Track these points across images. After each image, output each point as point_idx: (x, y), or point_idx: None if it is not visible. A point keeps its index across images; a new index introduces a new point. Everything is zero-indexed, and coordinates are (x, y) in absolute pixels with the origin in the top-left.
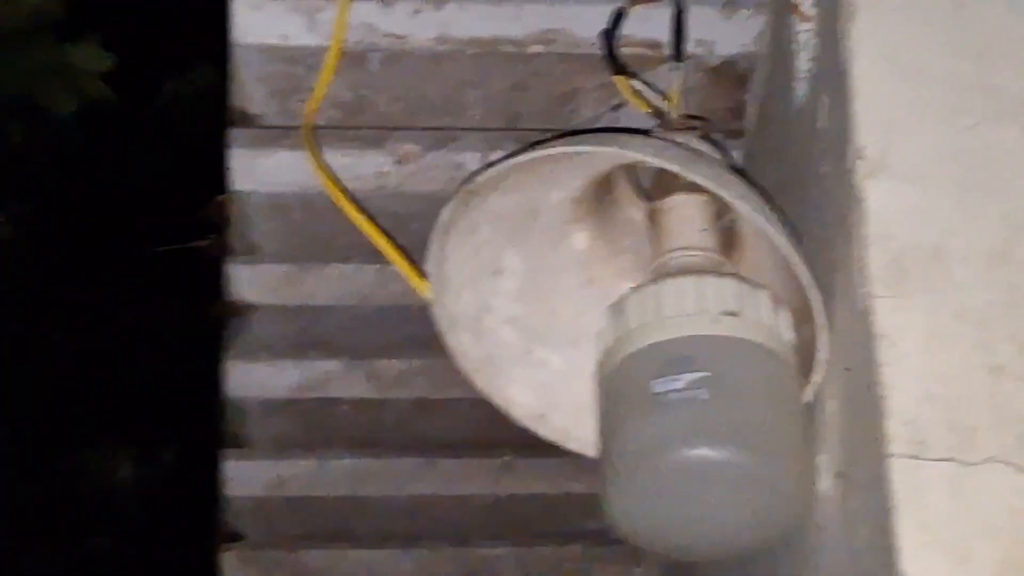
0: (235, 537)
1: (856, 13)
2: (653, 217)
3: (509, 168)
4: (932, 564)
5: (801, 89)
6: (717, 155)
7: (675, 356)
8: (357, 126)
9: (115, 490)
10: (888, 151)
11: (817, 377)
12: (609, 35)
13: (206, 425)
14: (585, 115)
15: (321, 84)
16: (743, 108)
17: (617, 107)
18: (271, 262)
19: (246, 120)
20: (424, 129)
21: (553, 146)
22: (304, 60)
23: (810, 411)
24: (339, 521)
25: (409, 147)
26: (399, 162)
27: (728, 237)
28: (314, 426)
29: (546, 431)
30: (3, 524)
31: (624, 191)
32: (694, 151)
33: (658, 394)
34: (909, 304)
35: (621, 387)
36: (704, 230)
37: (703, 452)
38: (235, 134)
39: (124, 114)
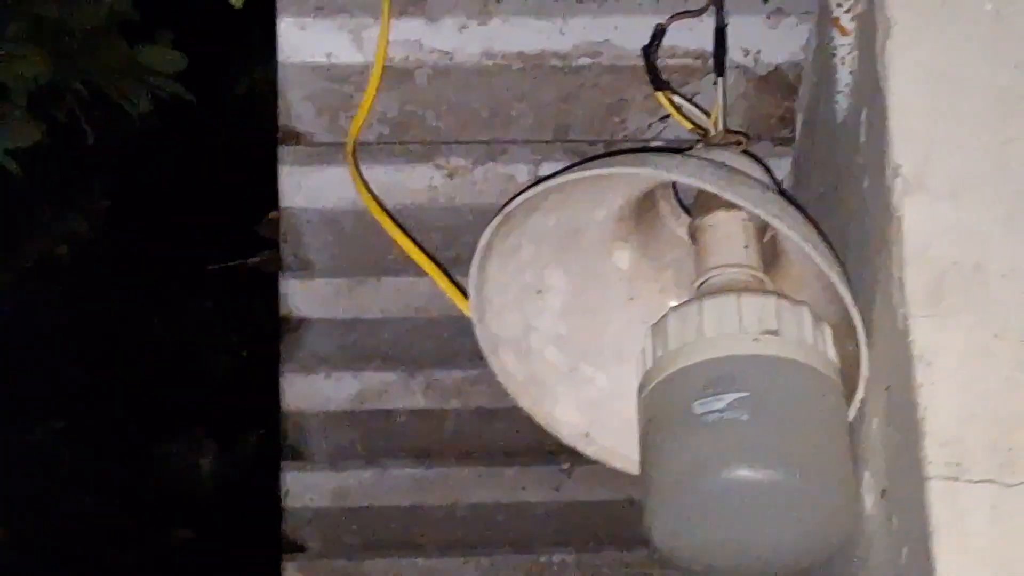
0: (297, 548)
1: (892, 28)
2: (695, 234)
3: (545, 191)
4: None
5: (844, 102)
6: (758, 170)
7: (716, 377)
8: (406, 141)
9: (197, 482)
10: (926, 167)
11: (860, 395)
12: (649, 50)
13: (267, 436)
14: (633, 126)
15: (367, 101)
16: (792, 116)
17: (665, 118)
18: (324, 276)
19: (295, 138)
20: (473, 143)
21: (586, 168)
22: (351, 78)
23: (854, 429)
24: (401, 530)
25: (458, 161)
26: (449, 176)
27: (771, 253)
28: (373, 437)
29: (592, 450)
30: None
31: (666, 208)
32: (731, 169)
33: (699, 415)
34: (948, 323)
35: (662, 407)
36: (746, 247)
37: (744, 473)
38: (283, 152)
39: (197, 112)
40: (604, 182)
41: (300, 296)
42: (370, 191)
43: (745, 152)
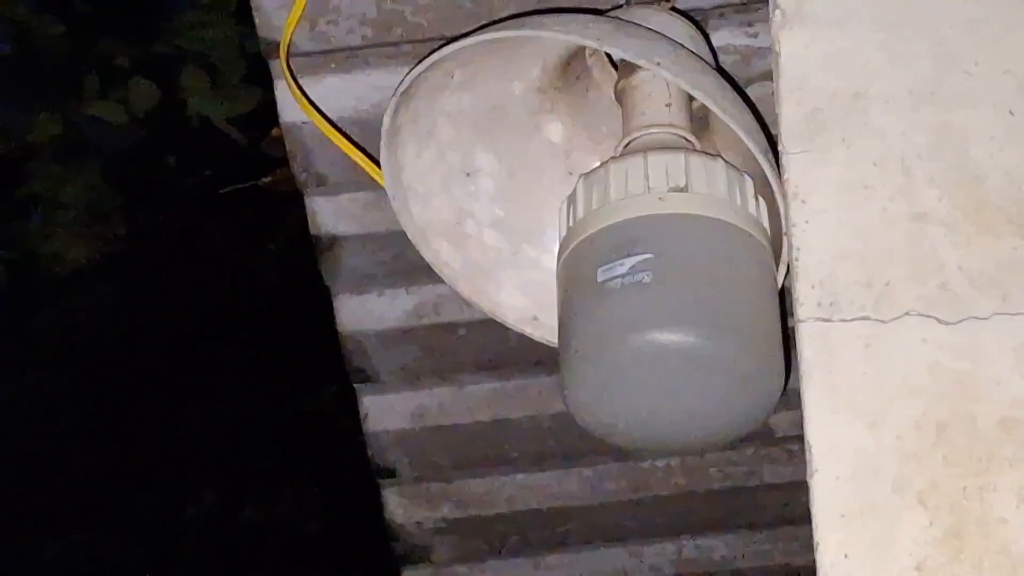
0: (388, 472)
1: None
2: (620, 97)
3: (434, 64)
4: (840, 430)
5: None
6: (677, 27)
7: (619, 241)
8: (391, 43)
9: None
10: None
11: (785, 255)
12: None
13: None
14: None
15: (297, 7)
16: None
17: None
18: (347, 191)
19: (278, 51)
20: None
21: (452, 44)
22: None
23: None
24: (489, 446)
25: None
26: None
27: (705, 114)
28: (437, 352)
29: (540, 332)
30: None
31: (600, 74)
32: (628, 24)
33: (602, 282)
34: (825, 157)
35: (572, 277)
36: (668, 106)
37: (648, 337)
38: (274, 66)
39: None
40: (509, 52)
41: (328, 213)
42: (310, 101)
43: (674, 9)
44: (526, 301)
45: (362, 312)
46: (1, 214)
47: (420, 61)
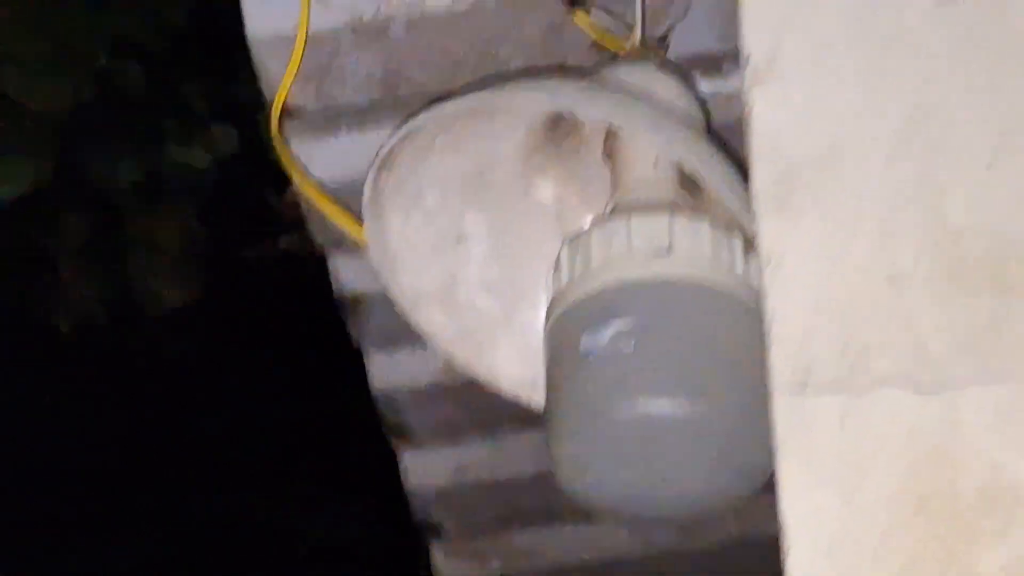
0: (433, 529)
1: None
2: (609, 154)
3: (411, 133)
4: (816, 505)
5: None
6: (664, 84)
7: (601, 309)
8: (396, 100)
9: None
10: (777, 53)
11: None
12: None
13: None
14: None
15: (292, 67)
16: None
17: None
18: None
19: (288, 113)
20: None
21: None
22: (325, 41)
23: None
24: (535, 499)
25: None
26: None
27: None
28: (474, 407)
29: (540, 399)
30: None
31: (586, 131)
32: (630, 91)
33: (585, 352)
34: (798, 218)
35: (556, 347)
36: (655, 163)
37: (630, 407)
38: (286, 127)
39: None
40: (491, 115)
41: (350, 272)
42: (299, 167)
43: (664, 65)
44: (523, 367)
45: (394, 370)
46: (98, 256)
47: (399, 128)
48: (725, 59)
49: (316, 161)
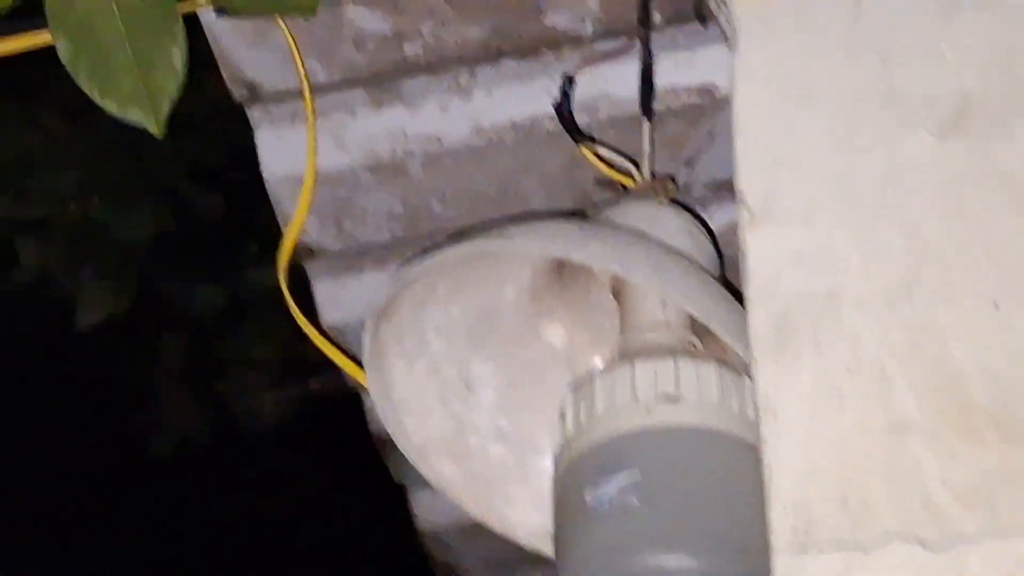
0: None
1: (739, 35)
2: (617, 295)
3: (408, 284)
4: None
5: None
6: (673, 221)
7: (605, 459)
8: (418, 236)
9: None
10: (773, 193)
11: None
12: (561, 104)
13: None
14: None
15: (301, 209)
16: None
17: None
18: None
19: (309, 254)
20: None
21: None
22: (343, 180)
23: None
24: None
25: None
26: None
27: None
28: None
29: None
30: None
31: (592, 270)
32: (634, 231)
33: (590, 504)
34: (796, 365)
35: (563, 499)
36: (664, 304)
37: (636, 563)
38: (311, 268)
39: None
40: (493, 260)
41: None
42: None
43: (674, 200)
44: (538, 515)
45: (438, 508)
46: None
47: (394, 281)
48: None
49: (341, 301)
